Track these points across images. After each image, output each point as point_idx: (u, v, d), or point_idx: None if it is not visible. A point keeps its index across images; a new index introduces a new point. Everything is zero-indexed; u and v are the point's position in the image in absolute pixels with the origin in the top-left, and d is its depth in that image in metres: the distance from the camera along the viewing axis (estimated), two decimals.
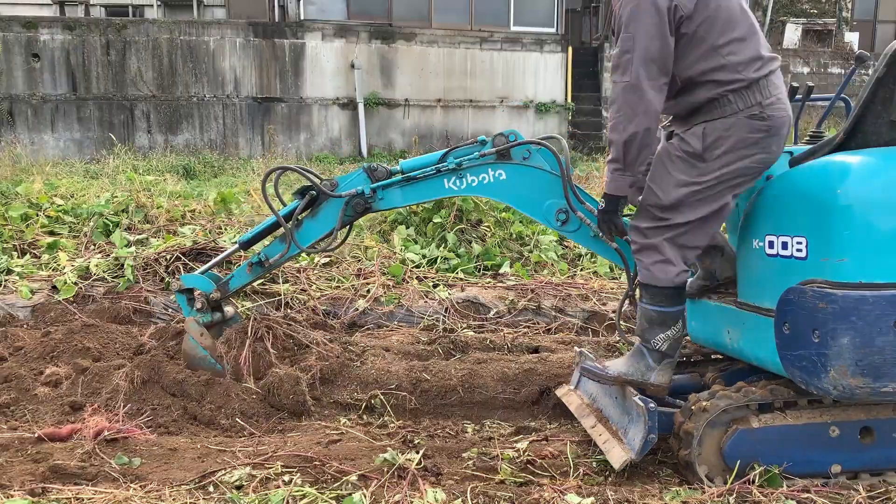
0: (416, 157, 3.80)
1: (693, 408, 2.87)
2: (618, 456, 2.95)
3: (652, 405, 2.87)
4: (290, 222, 3.75)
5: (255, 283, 4.73)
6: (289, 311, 4.89)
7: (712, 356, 3.63)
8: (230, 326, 4.10)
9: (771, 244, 2.80)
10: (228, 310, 4.09)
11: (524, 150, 3.57)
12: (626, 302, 3.57)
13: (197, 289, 3.91)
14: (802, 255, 2.65)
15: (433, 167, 3.64)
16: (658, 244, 2.90)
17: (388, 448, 3.11)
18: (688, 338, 3.50)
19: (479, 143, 3.64)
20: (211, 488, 2.79)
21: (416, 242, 6.10)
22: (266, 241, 4.10)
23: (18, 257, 5.56)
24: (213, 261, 4.12)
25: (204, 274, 3.96)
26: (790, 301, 2.64)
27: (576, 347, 4.09)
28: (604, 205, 3.02)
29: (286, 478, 2.83)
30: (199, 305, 3.89)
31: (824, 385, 2.56)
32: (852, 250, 2.51)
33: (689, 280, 3.25)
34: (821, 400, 2.85)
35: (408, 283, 5.36)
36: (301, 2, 16.18)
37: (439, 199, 5.93)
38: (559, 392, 3.80)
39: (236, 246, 4.06)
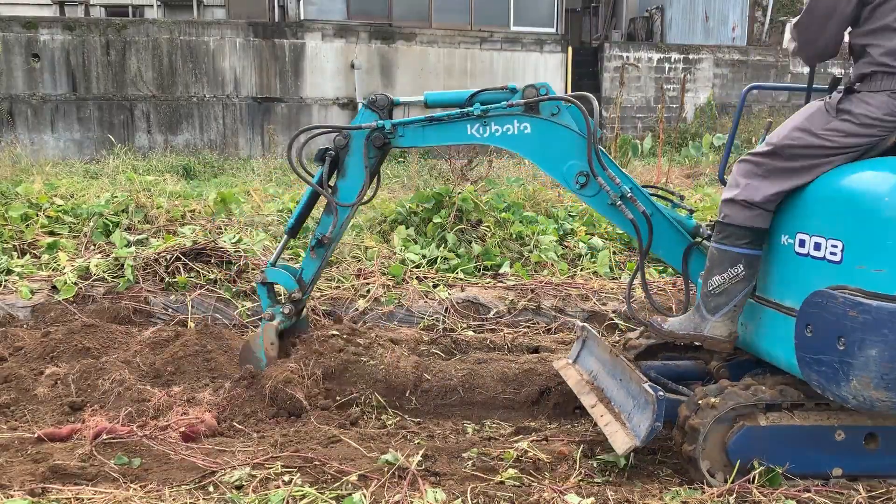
0: (442, 92, 3.74)
1: (700, 402, 2.85)
2: (622, 441, 2.92)
3: (661, 393, 2.84)
4: (327, 189, 3.74)
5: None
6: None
7: None
8: (298, 334, 4.08)
9: (802, 243, 2.74)
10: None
11: (553, 106, 3.48)
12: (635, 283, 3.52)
13: (279, 284, 3.87)
14: (836, 258, 2.58)
15: (459, 111, 3.58)
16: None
17: (388, 448, 3.12)
18: None
19: (508, 91, 3.56)
20: (211, 488, 2.79)
21: (416, 242, 6.10)
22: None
23: (18, 257, 5.56)
24: (276, 254, 4.05)
25: (279, 267, 3.91)
26: (817, 304, 2.58)
27: (577, 322, 4.04)
28: None
29: (286, 478, 2.83)
30: (286, 311, 3.86)
31: (843, 393, 2.52)
32: (892, 262, 2.44)
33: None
34: (828, 403, 2.83)
35: (408, 283, 5.36)
36: (301, 2, 16.18)
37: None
38: (557, 364, 3.73)
39: (286, 236, 4.03)
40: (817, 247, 2.67)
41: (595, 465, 3.08)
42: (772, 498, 2.64)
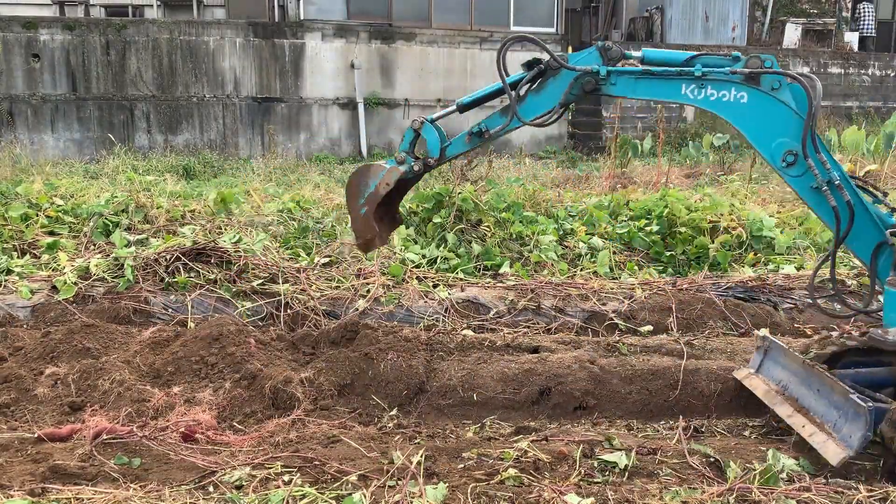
0: (662, 51, 3.70)
1: None
2: (834, 452, 2.96)
3: (871, 404, 2.88)
4: (515, 94, 3.73)
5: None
6: (289, 311, 4.89)
7: None
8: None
9: None
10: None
11: (775, 81, 3.45)
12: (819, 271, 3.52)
13: (426, 141, 3.87)
14: None
15: (676, 68, 3.55)
16: None
17: (389, 448, 3.12)
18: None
19: (731, 59, 3.53)
20: (211, 488, 2.79)
21: (416, 242, 6.10)
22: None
23: (18, 257, 5.56)
24: (441, 113, 4.04)
25: (437, 129, 3.91)
26: None
27: (757, 332, 4.05)
28: None
29: (286, 478, 2.83)
30: (416, 167, 3.86)
31: None
32: None
33: None
34: None
35: (408, 283, 5.35)
36: (301, 2, 16.18)
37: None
38: (739, 374, 3.77)
39: (454, 107, 4.01)
40: None
41: (595, 465, 3.08)
42: (772, 497, 2.64)
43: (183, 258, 5.25)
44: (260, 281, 5.08)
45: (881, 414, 2.95)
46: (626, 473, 2.98)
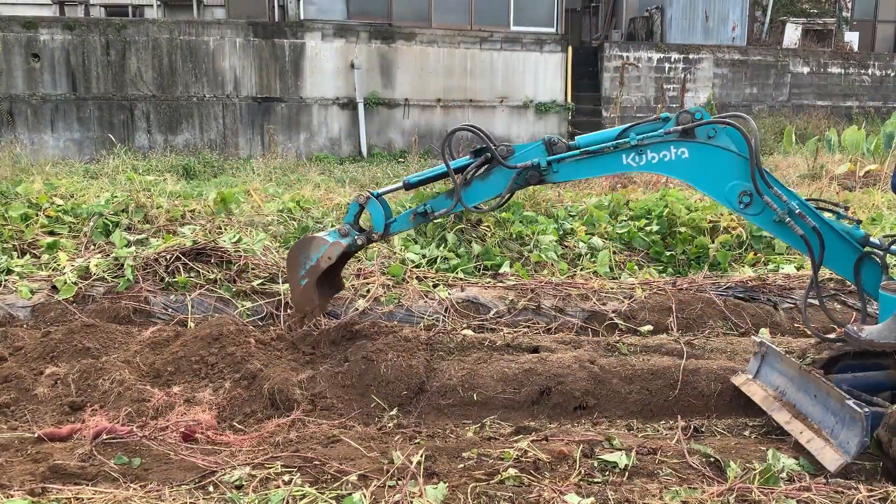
0: (593, 133, 3.80)
1: None
2: (832, 458, 2.97)
3: (867, 410, 2.89)
4: (460, 178, 3.83)
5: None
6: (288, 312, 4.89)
7: None
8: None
9: None
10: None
11: (710, 129, 3.54)
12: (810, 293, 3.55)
13: (370, 216, 3.95)
14: None
15: (611, 143, 3.64)
16: None
17: (388, 448, 3.12)
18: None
19: (661, 121, 3.62)
20: (211, 488, 2.79)
21: (415, 242, 6.10)
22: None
23: (18, 257, 5.56)
24: (386, 189, 4.14)
25: (382, 201, 3.99)
26: None
27: (755, 337, 4.06)
28: None
29: (286, 478, 2.83)
30: (359, 241, 3.96)
31: None
32: None
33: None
34: None
35: (408, 282, 5.35)
36: (301, 2, 16.18)
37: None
38: (737, 381, 3.77)
39: (400, 184, 4.11)
40: None
41: (595, 465, 3.08)
42: (772, 497, 2.64)
43: (183, 258, 5.25)
44: (260, 281, 5.08)
45: (878, 418, 2.96)
46: (626, 473, 2.98)
